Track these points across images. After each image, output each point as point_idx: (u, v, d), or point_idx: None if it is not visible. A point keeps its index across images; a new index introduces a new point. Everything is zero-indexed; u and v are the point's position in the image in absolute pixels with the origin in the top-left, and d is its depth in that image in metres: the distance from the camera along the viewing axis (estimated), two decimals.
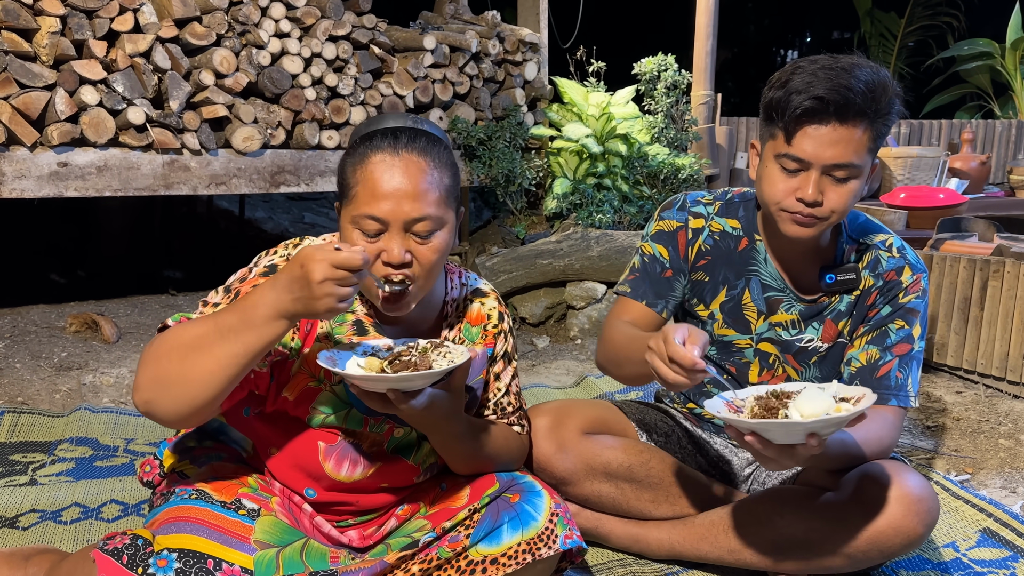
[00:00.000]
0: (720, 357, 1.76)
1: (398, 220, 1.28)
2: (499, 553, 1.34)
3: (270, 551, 1.30)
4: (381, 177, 1.28)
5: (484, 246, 4.14)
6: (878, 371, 1.60)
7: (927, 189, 3.81)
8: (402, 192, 1.28)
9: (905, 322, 1.62)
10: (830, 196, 1.48)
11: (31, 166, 2.95)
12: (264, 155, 3.45)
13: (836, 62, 1.47)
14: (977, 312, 2.80)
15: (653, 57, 4.42)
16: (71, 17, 2.97)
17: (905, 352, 1.61)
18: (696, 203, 1.73)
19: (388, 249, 1.28)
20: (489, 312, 1.51)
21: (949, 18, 8.34)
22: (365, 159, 1.31)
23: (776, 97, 1.49)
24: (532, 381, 2.99)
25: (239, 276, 1.38)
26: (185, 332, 1.21)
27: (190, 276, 4.22)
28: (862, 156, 1.47)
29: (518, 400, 1.55)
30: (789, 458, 1.28)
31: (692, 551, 1.68)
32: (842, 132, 1.45)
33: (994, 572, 1.71)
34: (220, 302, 1.32)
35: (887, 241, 1.67)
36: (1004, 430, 2.50)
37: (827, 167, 1.47)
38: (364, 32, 3.70)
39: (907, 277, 1.63)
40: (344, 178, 1.34)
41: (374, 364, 1.25)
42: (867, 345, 1.62)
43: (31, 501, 1.92)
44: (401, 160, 1.30)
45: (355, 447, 1.40)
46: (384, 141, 1.31)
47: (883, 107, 1.47)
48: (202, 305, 1.35)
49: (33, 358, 2.80)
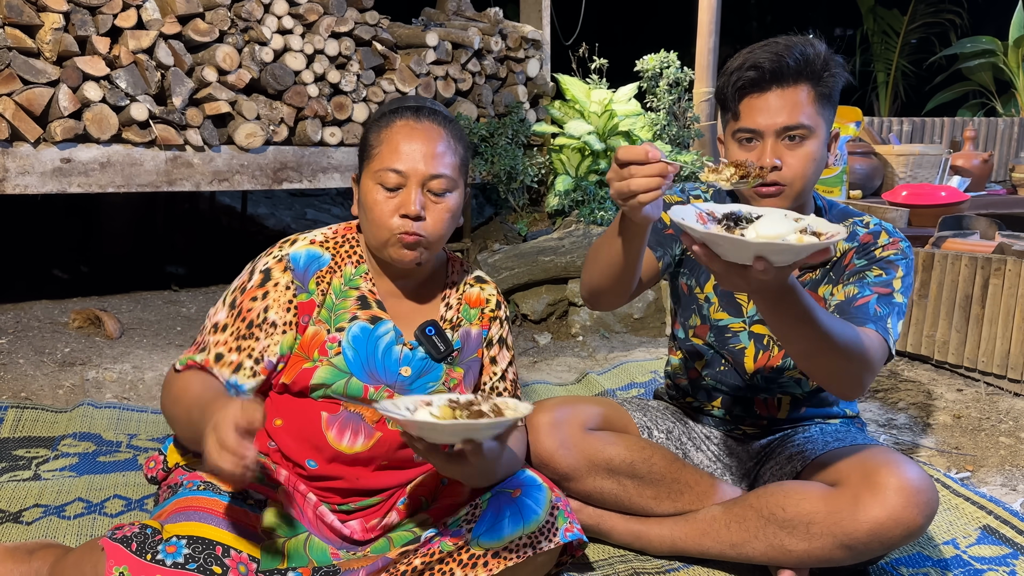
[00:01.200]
0: (717, 344, 1.78)
1: (417, 174, 1.41)
2: (500, 547, 1.35)
3: (276, 541, 1.31)
4: (404, 138, 1.42)
5: (486, 243, 4.14)
6: (855, 303, 1.56)
7: (929, 187, 3.81)
8: (422, 152, 1.41)
9: (883, 271, 1.60)
10: (789, 161, 1.54)
11: (34, 162, 2.95)
12: (267, 152, 3.45)
13: (770, 40, 1.57)
14: (978, 310, 2.80)
15: (655, 54, 4.42)
16: (74, 13, 2.97)
17: (885, 293, 1.57)
18: (694, 188, 1.80)
19: (405, 202, 1.40)
20: (488, 297, 1.58)
21: (952, 15, 8.33)
22: (390, 124, 1.44)
23: (721, 83, 1.61)
24: (534, 378, 2.99)
25: (239, 285, 1.46)
26: (181, 394, 1.35)
27: (193, 272, 4.23)
28: (811, 117, 1.54)
29: (515, 388, 1.58)
30: (740, 278, 1.20)
31: (694, 547, 1.68)
32: (784, 96, 1.53)
33: (994, 569, 1.72)
34: (226, 323, 1.43)
35: (864, 220, 1.71)
36: (1005, 428, 2.50)
37: (779, 131, 1.53)
38: (367, 29, 3.70)
39: (883, 240, 1.65)
40: (367, 142, 1.46)
41: (447, 413, 1.26)
42: (845, 286, 1.61)
43: (35, 496, 1.93)
44: (423, 126, 1.44)
45: (357, 417, 1.44)
46: (408, 111, 1.46)
47: (819, 68, 1.54)
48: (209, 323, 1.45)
49: (36, 354, 2.81)
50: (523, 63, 4.32)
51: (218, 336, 1.42)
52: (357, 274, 1.49)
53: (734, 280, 1.22)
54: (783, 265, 1.18)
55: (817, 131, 1.55)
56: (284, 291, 1.43)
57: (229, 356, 1.40)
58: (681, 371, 1.88)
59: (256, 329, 1.41)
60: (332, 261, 1.48)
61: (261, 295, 1.43)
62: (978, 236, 3.17)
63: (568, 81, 4.35)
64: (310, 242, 1.49)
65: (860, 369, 1.44)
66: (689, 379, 1.86)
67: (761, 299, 1.32)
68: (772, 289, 1.26)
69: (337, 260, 1.49)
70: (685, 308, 1.82)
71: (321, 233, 1.52)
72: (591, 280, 1.58)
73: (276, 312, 1.42)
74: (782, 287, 1.27)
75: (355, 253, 1.51)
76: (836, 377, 1.47)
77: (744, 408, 1.81)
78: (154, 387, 2.69)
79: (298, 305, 1.44)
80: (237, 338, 1.41)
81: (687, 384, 1.87)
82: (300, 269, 1.46)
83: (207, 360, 1.40)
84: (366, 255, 1.52)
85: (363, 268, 1.50)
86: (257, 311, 1.42)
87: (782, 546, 1.56)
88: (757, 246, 1.15)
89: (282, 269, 1.45)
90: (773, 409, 1.80)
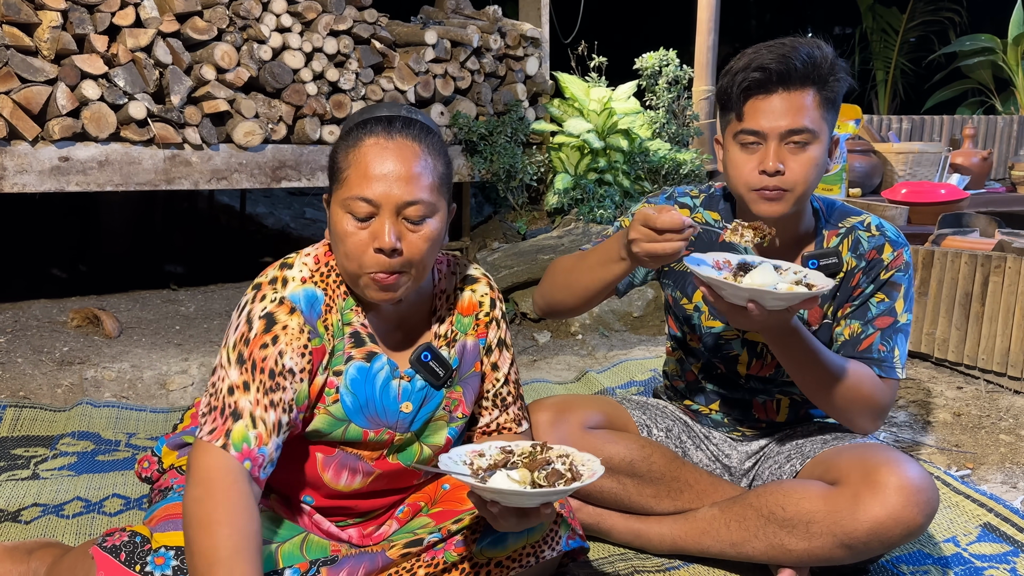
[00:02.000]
0: (709, 353, 1.76)
1: (390, 203, 1.25)
2: (504, 556, 1.34)
3: (268, 547, 1.30)
4: (374, 160, 1.25)
5: (485, 241, 4.14)
6: (860, 344, 1.62)
7: (929, 185, 3.81)
8: (395, 175, 1.25)
9: (886, 295, 1.63)
10: (791, 165, 1.53)
11: (32, 161, 2.95)
12: (265, 150, 3.44)
13: (776, 41, 1.56)
14: (978, 308, 2.80)
15: (654, 52, 4.41)
16: (72, 11, 2.96)
17: (888, 325, 1.63)
18: (683, 195, 1.78)
19: (379, 233, 1.25)
20: (480, 299, 1.46)
21: (951, 13, 8.33)
22: (359, 142, 1.28)
23: (724, 83, 1.58)
24: (533, 376, 2.99)
25: (240, 337, 1.27)
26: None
27: (191, 271, 4.22)
28: (815, 121, 1.52)
29: (517, 389, 1.53)
30: (742, 317, 1.38)
31: (694, 545, 1.68)
32: (790, 99, 1.51)
33: (995, 567, 1.71)
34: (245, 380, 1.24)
35: (865, 221, 1.69)
36: (1005, 425, 2.50)
37: (783, 135, 1.52)
38: (365, 27, 3.69)
39: (888, 254, 1.64)
40: (336, 162, 1.31)
41: (526, 477, 1.21)
42: (850, 321, 1.65)
43: (33, 495, 1.92)
44: (395, 144, 1.27)
45: (354, 457, 1.38)
46: (378, 126, 1.28)
47: (825, 72, 1.53)
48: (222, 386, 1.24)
49: (35, 353, 2.80)
50: (522, 61, 4.31)
51: (243, 396, 1.23)
52: (347, 307, 1.36)
53: (738, 319, 1.40)
54: (774, 309, 1.36)
55: (820, 136, 1.53)
56: (298, 335, 1.27)
57: (268, 416, 1.23)
58: (678, 373, 1.87)
59: (280, 378, 1.25)
60: (327, 298, 1.33)
61: (271, 340, 1.26)
62: (978, 234, 3.16)
63: (567, 79, 4.34)
64: (301, 280, 1.32)
65: (866, 407, 1.59)
66: (686, 382, 1.85)
67: (768, 337, 1.51)
68: (775, 329, 1.45)
69: (329, 294, 1.34)
70: (675, 315, 1.83)
71: (304, 266, 1.34)
72: (554, 296, 1.68)
73: (292, 358, 1.26)
74: (784, 328, 1.46)
75: (341, 282, 1.36)
76: (843, 414, 1.61)
77: (742, 412, 1.80)
78: (153, 386, 2.68)
79: (313, 351, 1.29)
80: (266, 392, 1.23)
81: (684, 387, 1.86)
82: (307, 312, 1.30)
83: (260, 436, 1.21)
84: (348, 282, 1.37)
85: (351, 301, 1.36)
86: (272, 358, 1.25)
87: (782, 545, 1.56)
88: (748, 291, 1.34)
89: (288, 312, 1.28)
90: (772, 413, 1.79)
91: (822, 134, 1.54)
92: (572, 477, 1.20)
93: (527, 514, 1.19)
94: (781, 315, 1.38)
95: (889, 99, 8.61)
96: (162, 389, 2.68)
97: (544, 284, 1.73)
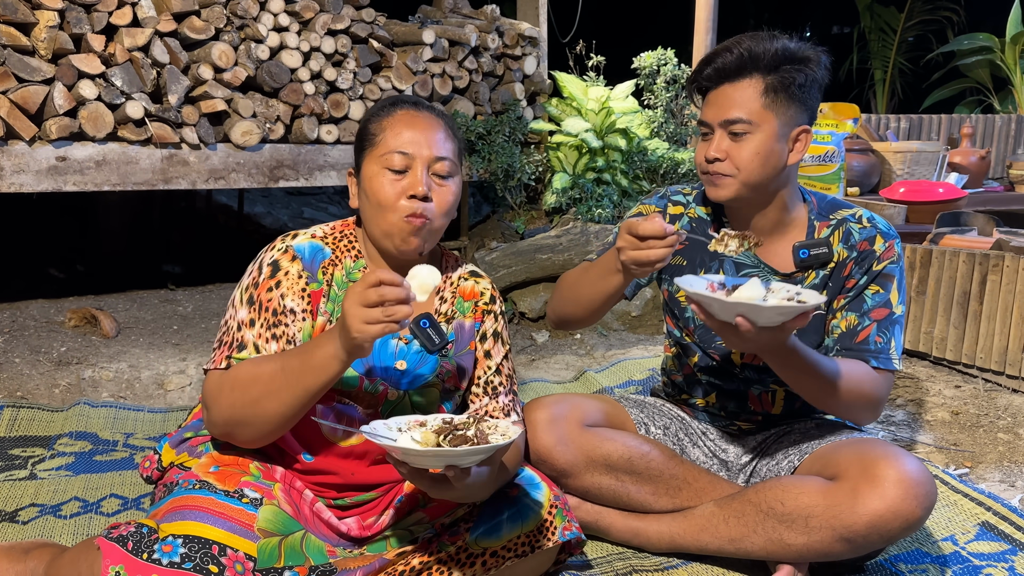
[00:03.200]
0: (703, 343, 1.78)
1: (423, 156, 1.43)
2: (499, 546, 1.35)
3: (272, 539, 1.31)
4: (408, 123, 1.45)
5: (483, 241, 4.14)
6: (857, 336, 1.65)
7: (927, 184, 3.80)
8: (426, 136, 1.44)
9: (880, 287, 1.66)
10: (732, 153, 1.60)
11: (29, 160, 2.94)
12: (263, 149, 3.44)
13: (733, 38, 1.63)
14: (976, 306, 2.80)
15: (652, 51, 4.41)
16: (69, 11, 2.96)
17: (883, 317, 1.65)
18: (676, 193, 1.83)
19: (414, 182, 1.41)
20: (482, 291, 1.57)
21: (949, 12, 8.33)
22: (391, 113, 1.47)
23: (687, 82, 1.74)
24: (532, 376, 2.99)
25: (251, 282, 1.45)
26: (256, 375, 1.33)
27: (189, 271, 4.21)
28: (754, 112, 1.59)
29: (510, 383, 1.56)
30: (734, 336, 1.40)
31: (693, 542, 1.68)
32: (732, 90, 1.60)
33: (993, 565, 1.72)
34: (252, 317, 1.42)
35: (856, 213, 1.72)
36: (1003, 424, 2.50)
37: (722, 124, 1.60)
38: (363, 26, 3.69)
39: (880, 245, 1.67)
40: (368, 130, 1.48)
41: (429, 439, 1.25)
42: (846, 313, 1.67)
43: (31, 495, 1.92)
44: (423, 115, 1.48)
45: (352, 409, 1.43)
46: (407, 102, 1.50)
47: (770, 59, 1.58)
48: (232, 323, 1.42)
49: (32, 353, 2.80)
50: (520, 60, 4.31)
51: (249, 331, 1.40)
52: (356, 268, 1.50)
53: (731, 338, 1.42)
54: (765, 325, 1.37)
55: (763, 125, 1.59)
56: (297, 279, 1.44)
57: (269, 347, 1.39)
58: (676, 367, 1.88)
59: (282, 316, 1.41)
60: (333, 254, 1.49)
61: (275, 284, 1.43)
62: (976, 232, 3.16)
63: (565, 78, 4.34)
64: (311, 236, 1.50)
65: (866, 404, 1.62)
66: (684, 375, 1.86)
67: (766, 357, 1.54)
68: (771, 349, 1.47)
69: (337, 254, 1.49)
70: (672, 312, 1.84)
71: (320, 228, 1.53)
72: (564, 309, 1.75)
73: (292, 300, 1.42)
74: (781, 348, 1.48)
75: (353, 248, 1.52)
76: (844, 414, 1.65)
77: (738, 404, 1.81)
78: (150, 386, 2.68)
79: (311, 293, 1.44)
80: (269, 327, 1.40)
81: (682, 380, 1.87)
82: (307, 259, 1.46)
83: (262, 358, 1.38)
84: (364, 250, 1.52)
85: (361, 263, 1.50)
86: (276, 300, 1.42)
87: (781, 540, 1.56)
88: (736, 305, 1.35)
89: (290, 259, 1.45)
90: (767, 405, 1.80)
91: (765, 123, 1.59)
92: (476, 443, 1.21)
93: (439, 479, 1.23)
94: (775, 334, 1.40)
95: (887, 98, 8.61)
96: (160, 389, 2.68)
97: (554, 298, 1.80)
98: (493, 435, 1.25)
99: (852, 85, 8.93)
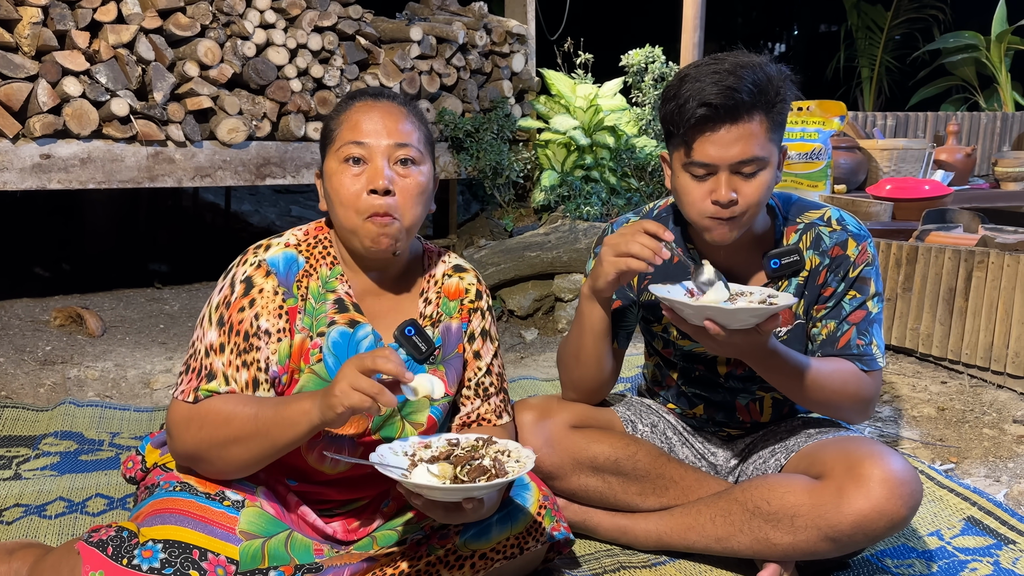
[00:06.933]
0: (686, 364, 1.77)
1: (380, 146, 1.36)
2: (488, 548, 1.34)
3: (255, 542, 1.29)
4: (364, 114, 1.38)
5: (472, 238, 4.13)
6: (838, 342, 1.64)
7: (913, 181, 3.82)
8: (383, 124, 1.37)
9: (858, 292, 1.65)
10: (744, 192, 1.50)
11: (13, 158, 2.92)
12: (249, 147, 3.42)
13: (721, 64, 1.49)
14: (962, 303, 2.82)
15: (640, 49, 4.42)
16: (53, 7, 2.94)
17: (861, 319, 1.64)
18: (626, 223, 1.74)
19: (372, 175, 1.34)
20: (467, 287, 1.52)
21: (935, 11, 8.36)
22: (349, 106, 1.41)
23: (669, 109, 1.52)
24: (520, 373, 2.99)
25: (222, 300, 1.37)
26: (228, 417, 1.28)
27: (175, 269, 4.19)
28: (765, 147, 1.50)
29: (500, 382, 1.54)
30: (709, 339, 1.41)
31: (679, 541, 1.68)
32: (738, 130, 1.47)
33: (978, 560, 1.73)
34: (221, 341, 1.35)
35: (824, 215, 1.67)
36: (988, 420, 2.52)
37: (733, 166, 1.49)
38: (350, 23, 3.67)
39: (853, 249, 1.64)
40: (328, 128, 1.42)
41: (446, 471, 1.21)
42: (825, 320, 1.66)
43: (15, 495, 1.91)
44: (381, 104, 1.40)
45: (337, 438, 1.39)
46: (365, 94, 1.44)
47: (772, 97, 1.50)
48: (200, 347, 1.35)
49: (17, 352, 2.77)
50: (508, 58, 4.30)
51: (218, 358, 1.33)
52: (332, 276, 1.43)
53: (706, 341, 1.43)
54: (738, 328, 1.38)
55: (771, 159, 1.52)
56: (272, 296, 1.36)
57: (239, 376, 1.33)
58: (659, 379, 1.87)
59: (255, 339, 1.34)
60: (307, 264, 1.42)
61: (248, 304, 1.35)
62: (961, 229, 3.18)
63: (553, 76, 4.34)
64: (284, 245, 1.42)
65: (855, 404, 1.62)
66: (666, 387, 1.85)
67: (748, 361, 1.53)
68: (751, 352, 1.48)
69: (311, 262, 1.42)
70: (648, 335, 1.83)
71: (292, 235, 1.45)
72: (572, 375, 1.74)
73: (268, 319, 1.35)
74: (762, 351, 1.48)
75: (329, 254, 1.44)
76: (833, 413, 1.66)
77: (727, 415, 1.80)
78: (136, 385, 2.66)
79: (288, 311, 1.37)
80: (239, 354, 1.33)
81: (666, 393, 1.87)
82: (282, 273, 1.39)
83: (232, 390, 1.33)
84: (339, 254, 1.45)
85: (338, 270, 1.44)
86: (248, 321, 1.34)
87: (767, 539, 1.56)
88: (703, 309, 1.35)
89: (264, 275, 1.37)
90: (756, 414, 1.79)
91: (772, 156, 1.52)
92: (495, 473, 1.19)
93: (453, 508, 1.20)
94: (752, 337, 1.39)
95: (874, 96, 8.65)
96: (146, 388, 2.66)
97: (560, 372, 1.79)
98: (509, 463, 1.23)
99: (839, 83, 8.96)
